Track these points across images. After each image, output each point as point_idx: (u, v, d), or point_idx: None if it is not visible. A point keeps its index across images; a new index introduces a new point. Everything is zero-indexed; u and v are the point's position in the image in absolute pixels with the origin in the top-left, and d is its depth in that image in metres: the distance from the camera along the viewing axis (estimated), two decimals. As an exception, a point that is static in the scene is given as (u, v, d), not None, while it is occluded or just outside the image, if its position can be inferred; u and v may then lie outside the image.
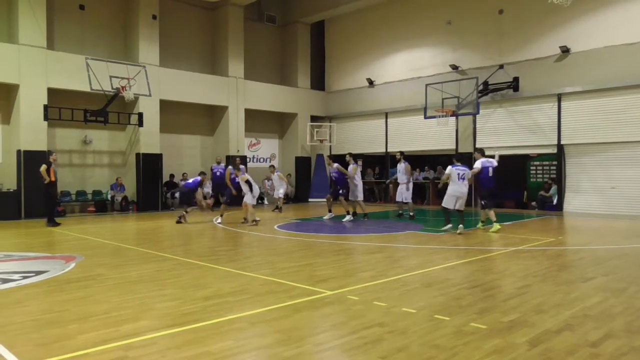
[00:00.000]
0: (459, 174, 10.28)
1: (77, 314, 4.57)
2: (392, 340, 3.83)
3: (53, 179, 12.25)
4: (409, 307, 4.74)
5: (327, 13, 21.19)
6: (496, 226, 10.36)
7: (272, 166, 17.37)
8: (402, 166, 13.63)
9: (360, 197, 13.39)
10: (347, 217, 13.18)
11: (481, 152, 11.38)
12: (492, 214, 10.61)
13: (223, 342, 3.82)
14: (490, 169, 10.68)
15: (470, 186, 10.79)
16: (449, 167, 10.46)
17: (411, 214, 13.59)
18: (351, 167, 13.30)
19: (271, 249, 8.48)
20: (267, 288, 5.63)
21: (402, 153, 13.90)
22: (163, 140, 17.60)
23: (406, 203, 13.63)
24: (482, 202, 11.17)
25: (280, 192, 16.45)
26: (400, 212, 14.27)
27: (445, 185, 10.64)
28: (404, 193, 13.57)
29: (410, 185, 13.63)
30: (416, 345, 3.72)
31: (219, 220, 12.76)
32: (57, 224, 12.41)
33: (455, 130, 17.80)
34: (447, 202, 10.40)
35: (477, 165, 10.76)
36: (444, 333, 3.98)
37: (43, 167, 12.10)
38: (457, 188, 10.26)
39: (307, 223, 13.00)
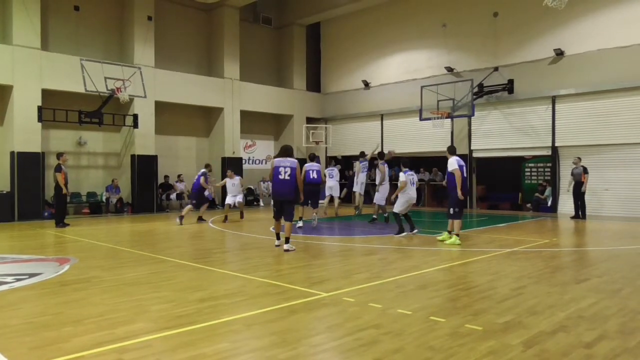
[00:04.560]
0: (410, 180, 10.23)
1: (72, 317, 4.54)
2: (387, 342, 3.83)
3: (64, 182, 12.39)
4: (404, 308, 4.74)
5: (323, 15, 21.22)
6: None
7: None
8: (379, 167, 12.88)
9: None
10: (300, 223, 11.96)
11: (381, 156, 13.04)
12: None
13: (218, 345, 3.81)
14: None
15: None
16: (402, 174, 10.25)
17: (374, 216, 12.89)
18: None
19: (267, 251, 8.46)
20: (262, 290, 5.62)
21: (381, 156, 13.22)
22: (158, 141, 17.55)
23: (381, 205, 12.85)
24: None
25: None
26: (385, 215, 12.84)
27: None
28: (376, 194, 12.88)
29: (382, 188, 12.67)
30: (412, 347, 3.72)
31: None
32: (67, 225, 12.51)
33: (450, 132, 17.86)
34: (402, 208, 10.23)
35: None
36: (440, 334, 3.99)
37: (59, 176, 12.28)
38: (412, 194, 10.23)
39: (303, 225, 12.96)
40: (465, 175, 9.27)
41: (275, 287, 5.74)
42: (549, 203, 15.89)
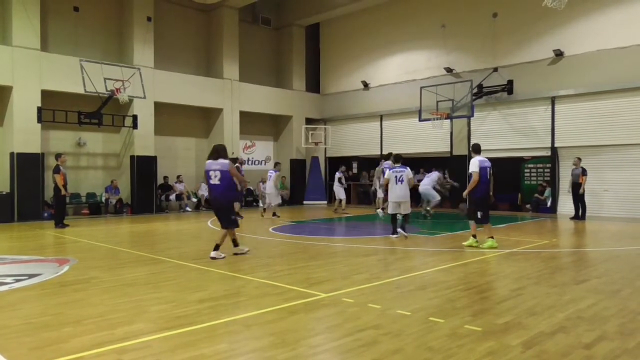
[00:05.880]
0: (396, 177, 9.75)
1: (71, 317, 4.55)
2: (386, 343, 3.83)
3: (63, 183, 12.39)
4: (403, 309, 4.74)
5: (322, 16, 21.22)
6: None
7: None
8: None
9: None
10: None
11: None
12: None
13: (217, 345, 3.81)
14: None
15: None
16: (387, 171, 10.01)
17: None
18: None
19: (266, 252, 8.46)
20: (262, 290, 5.62)
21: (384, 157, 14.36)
22: (157, 142, 17.55)
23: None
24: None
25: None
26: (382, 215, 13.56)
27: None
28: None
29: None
30: (411, 348, 3.72)
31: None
32: (66, 225, 12.52)
33: (449, 133, 17.86)
34: (390, 208, 9.97)
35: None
36: (439, 335, 3.99)
37: (58, 178, 12.29)
38: (396, 192, 9.74)
39: (303, 225, 12.99)
40: (488, 177, 8.72)
41: (274, 287, 5.74)
42: (549, 204, 15.89)
